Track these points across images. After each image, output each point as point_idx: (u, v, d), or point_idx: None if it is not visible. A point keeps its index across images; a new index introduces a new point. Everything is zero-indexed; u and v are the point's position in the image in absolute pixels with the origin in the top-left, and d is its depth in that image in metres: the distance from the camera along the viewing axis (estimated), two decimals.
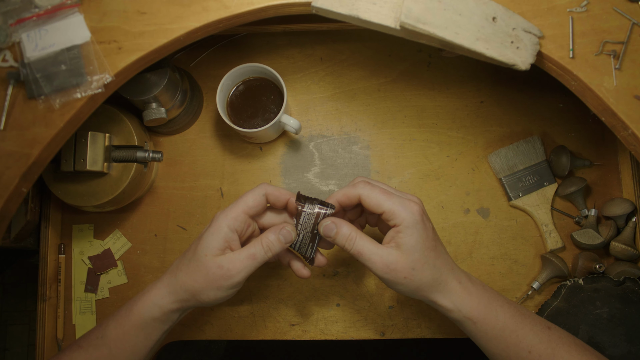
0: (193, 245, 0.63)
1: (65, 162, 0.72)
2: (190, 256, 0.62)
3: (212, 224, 0.62)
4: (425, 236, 0.60)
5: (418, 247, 0.59)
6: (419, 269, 0.60)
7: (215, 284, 0.60)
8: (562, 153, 0.80)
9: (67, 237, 0.85)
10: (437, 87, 0.85)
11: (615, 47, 0.59)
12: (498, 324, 0.61)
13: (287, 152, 0.85)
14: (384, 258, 0.59)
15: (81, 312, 0.83)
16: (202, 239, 0.61)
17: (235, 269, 0.60)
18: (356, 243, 0.61)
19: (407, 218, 0.59)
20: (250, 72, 0.80)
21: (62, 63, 0.58)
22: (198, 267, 0.60)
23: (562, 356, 0.60)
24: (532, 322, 0.62)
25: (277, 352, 0.92)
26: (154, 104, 0.75)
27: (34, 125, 0.59)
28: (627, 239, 0.78)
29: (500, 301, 0.63)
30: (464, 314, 0.61)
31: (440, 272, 0.61)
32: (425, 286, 0.61)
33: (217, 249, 0.60)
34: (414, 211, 0.59)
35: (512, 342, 0.61)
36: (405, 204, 0.59)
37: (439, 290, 0.61)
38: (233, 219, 0.61)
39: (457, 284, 0.62)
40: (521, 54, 0.57)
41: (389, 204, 0.59)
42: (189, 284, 0.61)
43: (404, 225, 0.59)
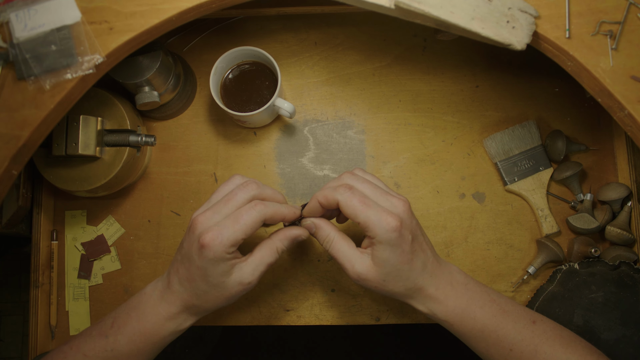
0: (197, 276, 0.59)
1: (57, 146, 0.71)
2: (203, 287, 0.59)
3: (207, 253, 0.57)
4: (400, 251, 0.58)
5: (390, 262, 0.59)
6: (390, 281, 0.60)
7: (237, 297, 0.61)
8: (557, 137, 0.80)
9: (60, 224, 0.84)
10: (432, 72, 0.85)
11: (612, 27, 0.58)
12: (476, 325, 0.61)
13: (281, 136, 0.84)
14: (356, 267, 0.60)
15: (74, 299, 0.82)
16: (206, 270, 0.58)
17: (255, 280, 0.61)
18: (332, 246, 0.62)
19: (380, 234, 0.57)
20: (244, 56, 0.79)
21: (52, 43, 0.57)
22: (218, 292, 0.60)
23: (545, 351, 0.60)
24: (515, 320, 0.62)
25: (272, 337, 0.92)
26: (147, 87, 0.74)
27: (23, 106, 0.58)
28: (622, 223, 0.77)
29: (482, 301, 0.62)
30: (439, 317, 0.62)
31: (414, 282, 0.61)
32: (397, 295, 0.62)
33: (227, 272, 0.59)
34: (388, 228, 0.57)
35: (492, 341, 0.61)
36: (381, 218, 0.57)
37: (412, 297, 0.62)
38: (231, 247, 0.57)
39: (433, 290, 0.62)
40: (517, 33, 0.57)
41: (364, 217, 0.58)
42: (213, 307, 0.62)
43: (377, 239, 0.58)
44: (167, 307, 0.62)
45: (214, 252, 0.56)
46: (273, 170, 0.83)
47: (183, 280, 0.61)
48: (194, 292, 0.61)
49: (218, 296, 0.60)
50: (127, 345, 0.61)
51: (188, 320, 0.63)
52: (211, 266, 0.58)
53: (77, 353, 0.62)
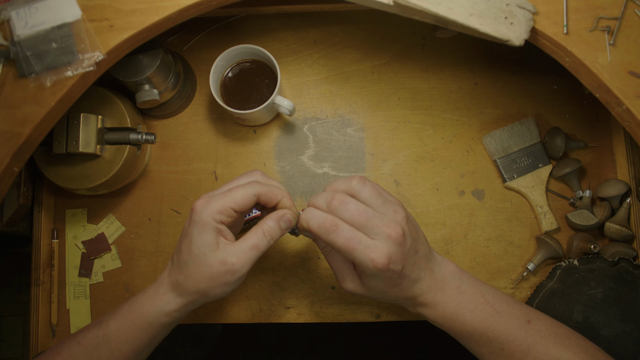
0: (184, 246, 0.59)
1: (57, 144, 0.71)
2: (185, 258, 0.59)
3: (195, 217, 0.58)
4: (387, 280, 0.58)
5: (378, 288, 0.60)
6: (379, 298, 0.63)
7: (221, 280, 0.58)
8: (556, 134, 0.80)
9: (61, 222, 0.84)
10: (431, 70, 0.85)
11: (610, 23, 0.58)
12: (465, 329, 0.62)
13: (281, 134, 0.85)
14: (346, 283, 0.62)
15: (75, 297, 0.82)
16: (191, 238, 0.58)
17: (240, 263, 0.57)
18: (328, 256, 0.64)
19: (367, 269, 0.56)
20: (244, 54, 0.79)
21: (53, 41, 0.58)
22: (200, 267, 0.57)
23: (538, 350, 0.60)
24: (508, 320, 0.62)
25: (272, 335, 0.92)
26: (147, 85, 0.75)
27: (24, 103, 0.58)
28: (621, 219, 0.78)
29: (474, 304, 0.62)
30: (428, 319, 0.64)
31: (404, 293, 0.61)
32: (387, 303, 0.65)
33: (212, 244, 0.57)
34: (371, 266, 0.55)
35: (482, 342, 0.62)
36: (367, 259, 0.55)
37: (404, 303, 0.64)
38: (219, 213, 0.57)
39: (422, 298, 0.62)
40: (515, 29, 0.57)
41: (350, 257, 0.56)
42: (194, 286, 0.59)
43: (365, 272, 0.59)
44: (157, 286, 0.62)
45: (199, 215, 0.57)
46: (273, 168, 0.84)
47: (174, 254, 0.61)
48: (178, 265, 0.60)
49: (198, 272, 0.58)
50: (116, 330, 0.61)
51: (173, 301, 0.60)
52: (197, 232, 0.57)
53: (72, 342, 0.62)
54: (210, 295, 0.59)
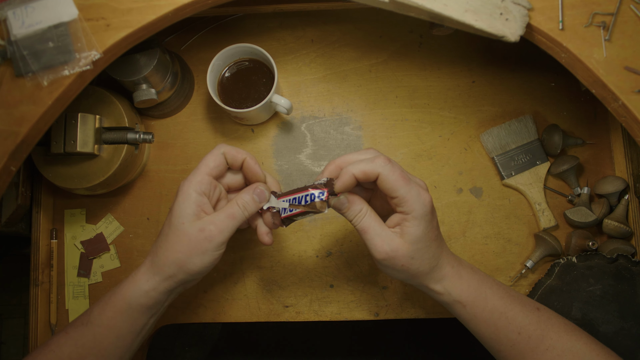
0: (167, 221, 0.61)
1: (55, 144, 0.71)
2: (166, 230, 0.61)
3: (178, 194, 0.61)
4: (430, 228, 0.59)
5: (422, 238, 0.58)
6: (418, 259, 0.59)
7: (200, 247, 0.59)
8: (554, 132, 0.80)
9: (59, 222, 0.84)
10: (428, 68, 0.85)
11: (605, 19, 0.58)
12: (487, 306, 0.61)
13: (278, 133, 0.85)
14: (386, 243, 0.58)
15: (74, 297, 0.82)
16: (172, 211, 0.60)
17: (217, 229, 0.59)
18: (364, 220, 0.59)
19: (418, 209, 0.57)
20: (241, 53, 0.80)
21: (50, 40, 0.58)
22: (178, 236, 0.59)
23: (551, 337, 0.60)
24: (522, 304, 0.62)
25: (272, 333, 0.92)
26: (144, 85, 0.75)
27: (21, 103, 0.58)
28: (619, 216, 0.78)
29: (489, 283, 0.63)
30: (453, 297, 0.62)
31: (437, 260, 0.61)
32: (421, 274, 0.61)
33: (191, 215, 0.59)
34: (426, 203, 0.58)
35: (501, 324, 0.61)
36: (419, 194, 0.58)
37: (432, 277, 0.62)
38: (198, 183, 0.61)
39: (450, 269, 0.62)
40: (510, 25, 0.57)
41: (404, 191, 0.57)
42: (173, 256, 0.59)
43: (412, 215, 0.57)
44: (138, 268, 0.62)
45: (181, 190, 0.61)
46: (271, 167, 0.84)
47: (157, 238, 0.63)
48: (159, 240, 0.61)
49: (176, 241, 0.59)
50: (98, 315, 0.61)
51: (151, 279, 0.61)
52: (177, 205, 0.60)
53: (60, 333, 0.63)
54: (189, 266, 0.59)
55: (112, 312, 0.61)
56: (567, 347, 0.59)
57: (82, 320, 0.62)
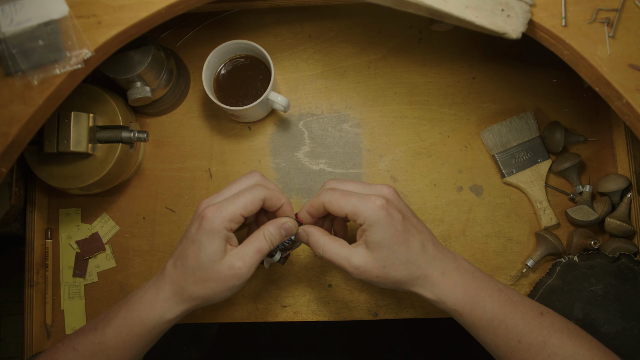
0: (190, 251, 0.59)
1: (48, 144, 0.70)
2: (193, 265, 0.59)
3: (206, 225, 0.58)
4: (392, 231, 0.58)
5: (385, 243, 0.58)
6: (390, 266, 0.59)
7: (228, 285, 0.59)
8: (556, 129, 0.79)
9: (54, 222, 0.83)
10: (428, 64, 0.84)
11: (609, 15, 0.57)
12: (485, 315, 0.60)
13: (276, 131, 0.83)
14: (353, 261, 0.59)
15: (70, 297, 0.81)
16: (200, 245, 0.58)
17: (245, 267, 0.59)
18: (324, 250, 0.61)
19: (369, 216, 0.57)
20: (237, 50, 0.78)
21: (40, 38, 0.56)
22: (208, 274, 0.59)
23: (554, 344, 0.59)
24: (523, 310, 0.61)
25: (269, 334, 0.91)
26: (139, 82, 0.74)
27: (11, 102, 0.57)
28: (622, 215, 0.77)
29: (490, 290, 0.61)
30: (448, 306, 0.60)
31: (417, 266, 0.59)
32: (402, 282, 0.60)
33: (221, 252, 0.58)
34: (374, 207, 0.58)
35: (500, 332, 0.60)
36: (366, 201, 0.58)
37: (418, 284, 0.60)
38: (230, 221, 0.58)
39: (438, 276, 0.60)
40: (512, 22, 0.56)
41: (349, 205, 0.59)
42: (202, 292, 0.59)
43: (367, 223, 0.58)
44: (156, 292, 0.61)
45: (211, 224, 0.58)
46: (268, 165, 0.83)
47: (176, 259, 0.61)
48: (183, 271, 0.60)
49: (206, 278, 0.59)
50: (114, 337, 0.60)
51: (174, 308, 0.61)
52: (206, 240, 0.58)
53: (67, 347, 0.61)
54: (214, 300, 0.60)
55: (129, 336, 0.60)
56: (570, 353, 0.58)
57: (92, 339, 0.61)
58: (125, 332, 0.60)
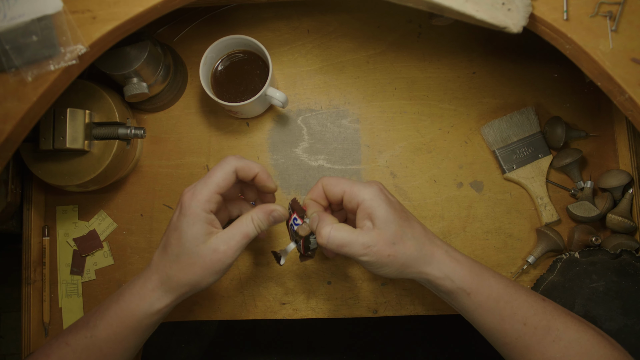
0: (172, 238, 0.59)
1: (44, 140, 0.69)
2: (176, 251, 0.59)
3: (184, 211, 0.58)
4: (392, 207, 0.59)
5: (391, 218, 0.58)
6: (400, 242, 0.58)
7: (213, 268, 0.59)
8: (557, 124, 0.78)
9: (51, 219, 0.82)
10: (427, 59, 0.83)
11: (611, 8, 0.56)
12: (492, 294, 0.59)
13: (274, 127, 0.83)
14: (362, 240, 0.58)
15: (67, 295, 0.81)
16: (181, 230, 0.58)
17: (230, 250, 0.58)
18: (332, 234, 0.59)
19: (368, 193, 0.59)
20: (235, 45, 0.77)
21: (33, 34, 0.56)
22: (192, 259, 0.58)
23: (558, 327, 0.58)
24: (527, 293, 0.61)
25: (269, 331, 0.91)
26: (135, 78, 0.73)
27: (5, 99, 0.56)
28: (623, 211, 0.76)
29: (491, 272, 0.62)
30: (457, 284, 0.60)
31: (422, 244, 0.60)
32: (412, 260, 0.59)
33: (203, 235, 0.58)
34: (372, 186, 0.60)
35: (506, 314, 0.59)
36: (363, 183, 0.60)
37: (426, 263, 0.60)
38: (207, 202, 0.58)
39: (443, 254, 0.60)
40: (513, 16, 0.55)
41: (348, 185, 0.60)
42: (187, 278, 0.59)
43: (366, 200, 0.58)
44: (143, 283, 0.60)
45: (188, 208, 0.58)
46: (267, 162, 0.82)
47: (160, 249, 0.61)
48: (168, 259, 0.59)
49: (191, 263, 0.58)
50: (104, 330, 0.60)
51: (163, 297, 0.60)
52: (186, 225, 0.58)
53: (61, 343, 0.61)
54: (201, 285, 0.60)
55: (120, 328, 0.60)
56: (574, 338, 0.58)
57: (84, 333, 0.60)
58: (116, 324, 0.60)
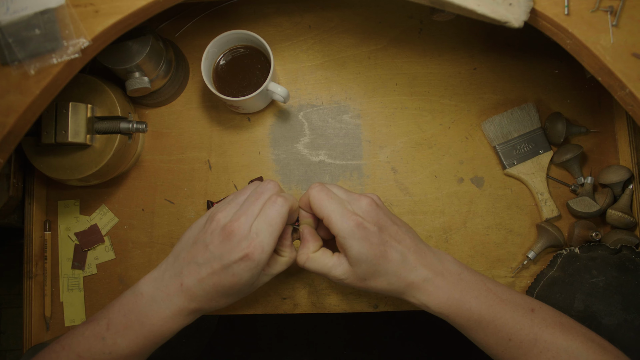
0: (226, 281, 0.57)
1: (46, 134, 0.69)
2: (228, 292, 0.58)
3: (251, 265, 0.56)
4: (367, 245, 0.58)
5: (362, 258, 0.58)
6: (370, 279, 0.60)
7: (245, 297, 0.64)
8: (557, 120, 0.78)
9: (53, 214, 0.83)
10: (429, 54, 0.83)
11: (612, 3, 0.56)
12: (472, 316, 0.60)
13: (276, 122, 0.83)
14: (335, 273, 0.61)
15: (69, 289, 0.81)
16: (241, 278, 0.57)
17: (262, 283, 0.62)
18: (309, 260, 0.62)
19: (343, 229, 0.58)
20: (237, 40, 0.78)
21: (36, 27, 0.56)
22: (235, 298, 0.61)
23: (545, 339, 0.59)
24: (514, 308, 0.61)
25: (269, 326, 0.91)
26: (137, 73, 0.73)
27: (8, 92, 0.56)
28: (623, 206, 0.76)
29: (477, 291, 0.61)
30: (433, 310, 0.61)
31: (397, 276, 0.60)
32: (384, 291, 0.61)
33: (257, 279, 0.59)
34: (349, 221, 0.58)
35: (490, 331, 0.60)
36: (342, 214, 0.58)
37: (401, 292, 0.61)
38: (272, 252, 0.58)
39: (420, 283, 0.60)
40: (514, 10, 0.55)
41: (327, 212, 0.59)
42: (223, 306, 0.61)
43: (341, 235, 0.58)
44: (177, 310, 0.59)
45: (258, 262, 0.57)
46: (268, 157, 0.82)
47: (207, 285, 0.58)
48: (216, 295, 0.59)
49: (235, 299, 0.61)
50: (128, 347, 0.59)
51: (194, 318, 0.62)
52: (250, 276, 0.57)
53: (70, 353, 0.59)
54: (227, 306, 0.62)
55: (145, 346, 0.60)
56: (563, 347, 0.58)
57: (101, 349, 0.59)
58: (143, 343, 0.59)
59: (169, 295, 0.59)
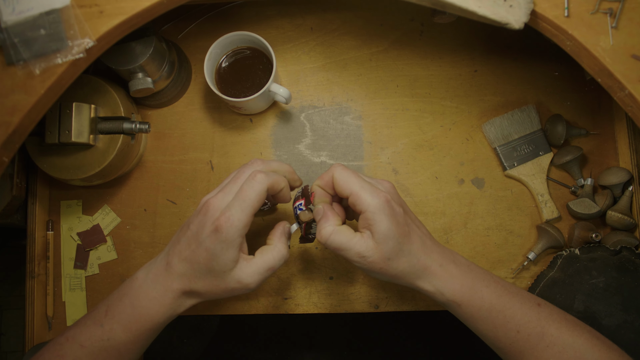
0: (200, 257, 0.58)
1: (50, 134, 0.70)
2: (204, 269, 0.58)
3: (222, 236, 0.57)
4: (395, 222, 0.58)
5: (390, 235, 0.58)
6: (394, 259, 0.59)
7: (234, 293, 0.61)
8: (557, 122, 0.79)
9: (55, 214, 0.83)
10: (430, 56, 0.83)
11: (612, 5, 0.57)
12: (484, 305, 0.60)
13: (277, 123, 0.83)
14: (358, 249, 0.59)
15: (71, 289, 0.81)
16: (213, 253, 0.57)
17: (254, 283, 0.60)
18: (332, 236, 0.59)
19: (373, 203, 0.57)
20: (239, 42, 0.78)
21: (41, 27, 0.56)
22: (217, 281, 0.59)
23: (552, 333, 0.59)
24: (521, 301, 0.61)
25: (270, 326, 0.91)
26: (140, 74, 0.74)
27: (13, 92, 0.57)
28: (623, 208, 0.76)
29: (487, 281, 0.62)
30: (447, 297, 0.61)
31: (417, 258, 0.60)
32: (403, 274, 0.60)
33: (232, 261, 0.58)
34: (379, 197, 0.58)
35: (499, 322, 0.60)
36: (372, 190, 0.59)
37: (418, 277, 0.61)
38: (244, 228, 0.58)
39: (437, 268, 0.60)
40: (514, 12, 0.56)
41: (357, 188, 0.59)
42: (211, 293, 0.60)
43: (370, 210, 0.58)
44: (164, 291, 0.60)
45: (226, 234, 0.57)
46: (269, 158, 0.83)
47: (185, 261, 0.60)
48: (194, 274, 0.59)
49: (215, 285, 0.59)
50: (124, 333, 0.60)
51: (184, 303, 0.61)
52: (221, 250, 0.57)
53: (73, 344, 0.60)
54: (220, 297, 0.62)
55: (139, 331, 0.60)
56: (568, 343, 0.58)
57: (99, 335, 0.60)
58: (135, 327, 0.60)
59: (156, 276, 0.61)
